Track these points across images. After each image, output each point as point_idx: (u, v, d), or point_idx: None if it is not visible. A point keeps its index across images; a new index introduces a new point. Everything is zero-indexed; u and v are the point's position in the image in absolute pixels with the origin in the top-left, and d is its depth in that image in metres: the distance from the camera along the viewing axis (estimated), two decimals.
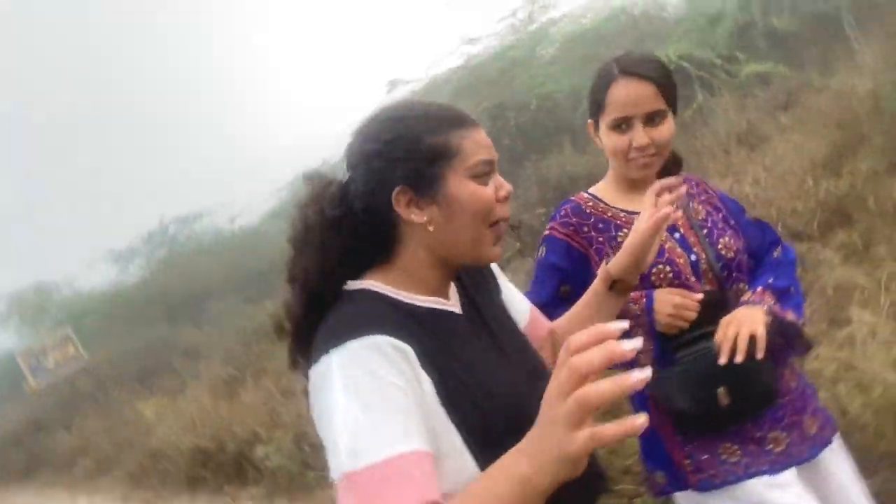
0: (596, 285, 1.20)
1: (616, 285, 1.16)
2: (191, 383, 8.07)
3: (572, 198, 1.51)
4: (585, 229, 1.44)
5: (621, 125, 1.37)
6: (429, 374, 0.87)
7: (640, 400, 1.46)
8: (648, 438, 1.44)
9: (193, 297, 11.55)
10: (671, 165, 1.49)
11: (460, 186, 0.94)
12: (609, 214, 1.45)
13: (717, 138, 5.25)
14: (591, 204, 1.47)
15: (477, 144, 0.96)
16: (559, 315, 1.35)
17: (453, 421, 0.87)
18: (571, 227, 1.45)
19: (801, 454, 1.37)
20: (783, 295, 1.41)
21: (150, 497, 6.31)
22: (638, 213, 1.38)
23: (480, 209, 0.95)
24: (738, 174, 4.05)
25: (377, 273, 0.99)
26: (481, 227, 0.96)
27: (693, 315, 1.33)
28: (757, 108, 5.50)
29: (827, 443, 1.42)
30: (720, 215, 1.47)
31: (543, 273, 1.48)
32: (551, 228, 1.47)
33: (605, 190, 1.50)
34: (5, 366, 12.51)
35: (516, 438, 0.87)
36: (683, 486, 1.38)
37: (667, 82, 1.36)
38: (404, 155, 0.94)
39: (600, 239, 1.43)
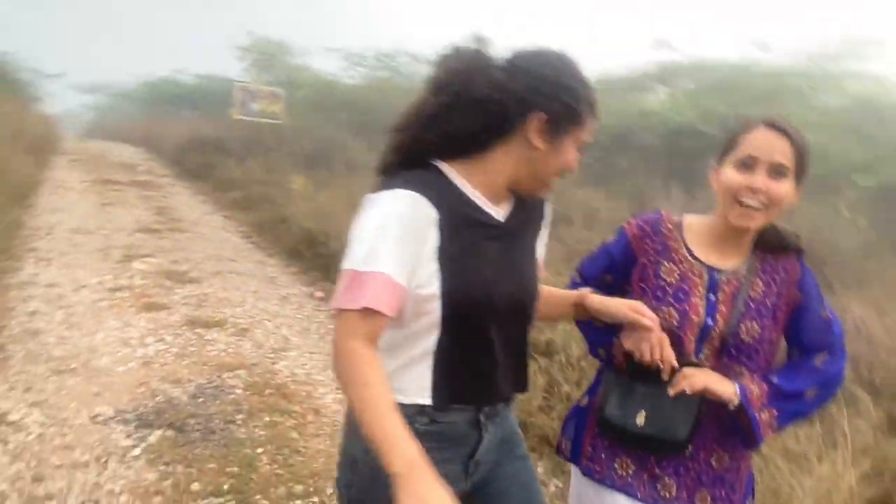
0: (570, 295, 1.49)
1: (579, 309, 1.48)
2: (338, 184, 9.14)
3: (662, 211, 1.56)
4: (649, 242, 1.50)
5: (747, 164, 1.36)
6: (440, 236, 1.15)
7: (595, 381, 1.61)
8: (578, 412, 1.61)
9: (385, 125, 12.57)
10: (785, 244, 1.45)
11: (570, 146, 1.24)
12: (673, 244, 1.48)
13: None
14: (670, 227, 1.51)
15: (592, 126, 1.26)
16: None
17: (440, 274, 1.15)
18: (642, 232, 1.52)
19: None
20: (782, 397, 1.40)
21: (272, 253, 7.38)
22: (699, 263, 1.45)
23: (564, 166, 1.25)
24: (844, 310, 3.85)
25: (458, 164, 1.22)
26: (555, 176, 1.27)
27: (650, 363, 1.37)
28: None
29: None
30: (770, 302, 1.42)
31: (599, 253, 1.59)
32: (629, 223, 1.56)
33: (694, 225, 1.51)
34: (226, 90, 14.36)
35: (474, 314, 1.19)
36: (576, 462, 1.56)
37: (802, 149, 1.37)
38: (564, 96, 1.18)
39: (651, 259, 1.49)
